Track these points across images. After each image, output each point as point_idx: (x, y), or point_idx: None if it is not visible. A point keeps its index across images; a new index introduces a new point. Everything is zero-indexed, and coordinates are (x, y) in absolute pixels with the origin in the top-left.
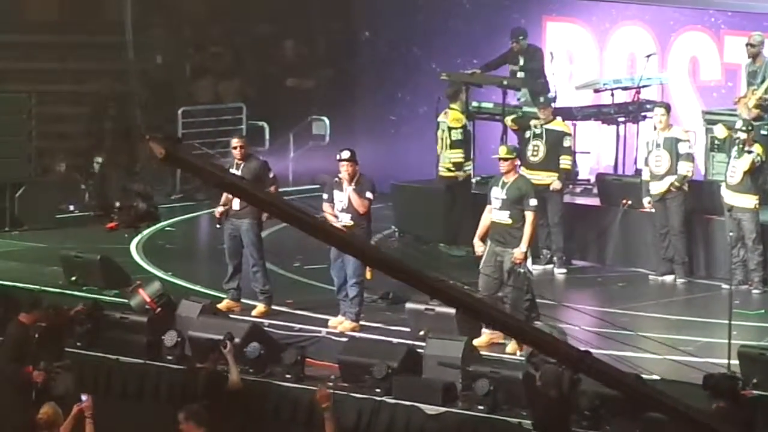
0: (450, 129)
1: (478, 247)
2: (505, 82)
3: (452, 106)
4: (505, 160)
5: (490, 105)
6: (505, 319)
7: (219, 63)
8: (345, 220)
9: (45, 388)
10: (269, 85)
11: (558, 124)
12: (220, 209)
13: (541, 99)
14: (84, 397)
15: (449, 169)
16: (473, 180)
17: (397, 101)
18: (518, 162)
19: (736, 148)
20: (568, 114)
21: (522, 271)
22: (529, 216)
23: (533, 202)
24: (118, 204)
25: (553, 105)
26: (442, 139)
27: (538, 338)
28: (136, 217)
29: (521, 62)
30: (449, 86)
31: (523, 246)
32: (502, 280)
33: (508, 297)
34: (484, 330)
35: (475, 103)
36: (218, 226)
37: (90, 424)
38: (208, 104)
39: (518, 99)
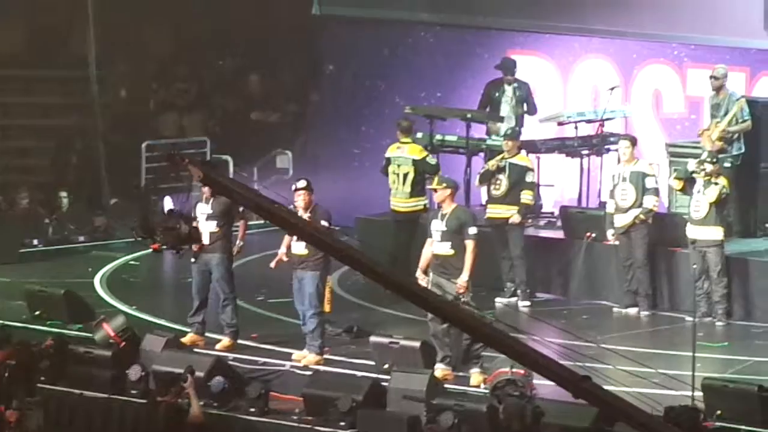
0: (417, 162)
1: (421, 280)
2: (468, 115)
3: (405, 139)
4: (435, 190)
5: (454, 138)
6: (501, 339)
7: (183, 97)
8: (299, 249)
9: (18, 425)
10: (233, 119)
11: (521, 159)
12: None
13: (508, 131)
14: None
15: (410, 204)
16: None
17: (361, 135)
18: (449, 192)
19: (700, 181)
20: (531, 146)
21: (465, 300)
22: (470, 245)
23: (473, 230)
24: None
25: (519, 138)
26: (397, 174)
27: (537, 361)
28: (179, 239)
29: (508, 93)
30: (403, 119)
31: (465, 275)
32: None
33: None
34: (438, 365)
35: (438, 136)
36: (193, 260)
37: None
38: (172, 138)
39: (503, 133)
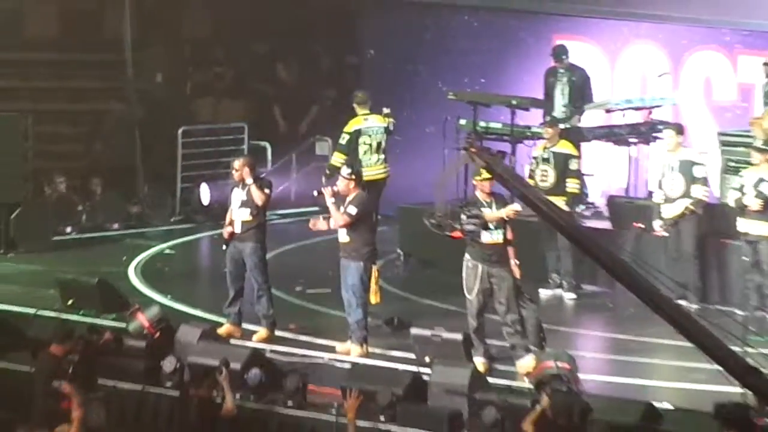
0: (386, 128)
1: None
2: (513, 102)
3: (364, 111)
4: (489, 180)
5: (498, 125)
6: (683, 321)
7: (221, 82)
8: (341, 237)
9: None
10: (271, 104)
11: (564, 146)
12: (229, 229)
13: (547, 117)
14: None
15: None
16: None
17: (403, 121)
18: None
19: (753, 174)
20: (578, 134)
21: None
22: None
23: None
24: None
25: (560, 125)
26: (369, 144)
27: (711, 346)
28: (481, 225)
29: (562, 80)
30: (358, 92)
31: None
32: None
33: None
34: (477, 359)
35: (482, 123)
36: (224, 247)
37: None
38: (209, 124)
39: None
